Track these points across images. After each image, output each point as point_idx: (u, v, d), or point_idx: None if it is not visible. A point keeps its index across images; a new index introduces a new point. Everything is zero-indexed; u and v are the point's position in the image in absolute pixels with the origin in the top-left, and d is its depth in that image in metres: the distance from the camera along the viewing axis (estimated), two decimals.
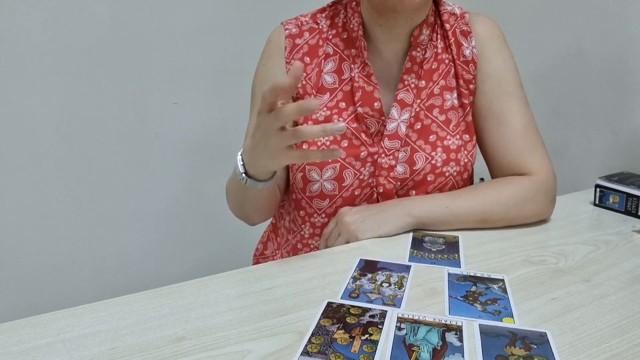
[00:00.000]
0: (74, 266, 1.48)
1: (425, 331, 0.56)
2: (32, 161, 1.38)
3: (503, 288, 0.65)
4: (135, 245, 1.56)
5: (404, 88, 0.88)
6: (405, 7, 0.80)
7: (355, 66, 0.87)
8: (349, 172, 0.86)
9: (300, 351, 0.52)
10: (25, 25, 1.31)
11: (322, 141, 0.86)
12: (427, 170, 0.87)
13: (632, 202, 0.92)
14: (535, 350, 0.53)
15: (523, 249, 0.77)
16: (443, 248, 0.77)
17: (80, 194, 1.45)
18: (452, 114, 0.89)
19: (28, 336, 0.55)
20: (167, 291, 0.65)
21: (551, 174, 0.87)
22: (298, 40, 0.90)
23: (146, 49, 1.46)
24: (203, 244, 1.65)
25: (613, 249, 0.78)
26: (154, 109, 1.50)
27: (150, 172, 1.54)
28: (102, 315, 0.59)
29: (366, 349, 0.53)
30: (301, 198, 0.90)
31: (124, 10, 1.41)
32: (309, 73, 0.88)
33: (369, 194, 0.88)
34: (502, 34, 0.92)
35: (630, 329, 0.56)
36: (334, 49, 0.89)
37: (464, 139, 0.89)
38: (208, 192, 1.61)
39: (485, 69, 0.89)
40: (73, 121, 1.40)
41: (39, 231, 1.42)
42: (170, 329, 0.57)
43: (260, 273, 0.70)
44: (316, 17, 0.92)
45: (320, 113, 0.87)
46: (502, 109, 0.88)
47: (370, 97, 0.86)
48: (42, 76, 1.35)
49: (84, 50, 1.38)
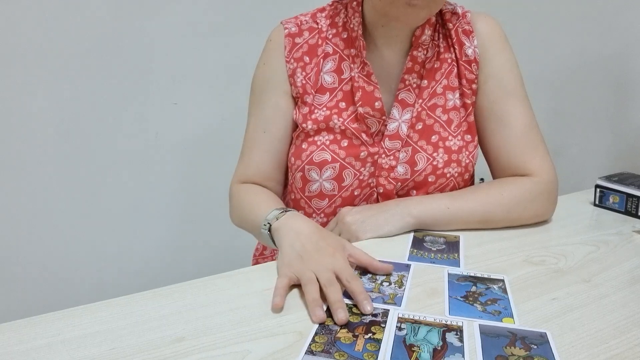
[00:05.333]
0: (74, 266, 1.48)
1: (426, 331, 0.56)
2: (32, 161, 1.38)
3: (503, 288, 0.65)
4: (135, 246, 1.56)
5: (405, 88, 0.88)
6: (410, 21, 0.81)
7: (355, 66, 0.87)
8: (349, 172, 0.86)
9: (304, 350, 0.52)
10: (25, 25, 1.31)
11: (322, 140, 0.86)
12: (428, 171, 0.87)
13: (632, 203, 0.92)
14: (535, 350, 0.53)
15: (523, 249, 0.77)
16: (443, 248, 0.77)
17: (80, 194, 1.45)
18: (454, 114, 0.89)
19: (28, 336, 0.55)
20: (167, 291, 0.65)
21: (553, 175, 0.87)
22: (298, 40, 0.90)
23: (146, 49, 1.46)
24: (203, 244, 1.65)
25: (613, 249, 0.78)
26: (154, 109, 1.50)
27: (150, 172, 1.54)
28: (102, 316, 0.59)
29: (370, 348, 0.53)
30: (300, 198, 0.90)
31: (124, 10, 1.41)
32: (309, 73, 0.88)
33: (368, 194, 0.88)
34: (504, 33, 0.92)
35: (630, 329, 0.56)
36: (334, 48, 0.89)
37: (465, 139, 0.89)
38: (208, 192, 1.61)
39: (487, 69, 0.89)
40: (73, 121, 1.40)
41: (39, 231, 1.42)
42: (170, 329, 0.57)
43: (260, 273, 0.70)
44: (316, 17, 0.91)
45: (320, 113, 0.87)
46: (504, 109, 0.88)
47: (370, 96, 0.86)
48: (42, 76, 1.35)
49: (84, 50, 1.38)
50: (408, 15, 0.79)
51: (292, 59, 0.89)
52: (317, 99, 0.88)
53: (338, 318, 0.57)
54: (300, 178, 0.88)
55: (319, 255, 0.66)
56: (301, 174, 0.88)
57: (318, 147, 0.86)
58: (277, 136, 0.90)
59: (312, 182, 0.87)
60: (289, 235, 0.71)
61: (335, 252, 0.67)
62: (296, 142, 0.89)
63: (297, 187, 0.90)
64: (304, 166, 0.87)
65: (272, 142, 0.91)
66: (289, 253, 0.69)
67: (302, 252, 0.67)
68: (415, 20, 0.81)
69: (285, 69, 0.89)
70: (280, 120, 0.90)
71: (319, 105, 0.87)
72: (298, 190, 0.90)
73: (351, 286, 0.62)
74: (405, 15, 0.79)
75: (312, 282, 0.62)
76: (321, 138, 0.86)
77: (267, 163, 0.91)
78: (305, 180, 0.88)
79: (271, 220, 0.76)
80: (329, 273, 0.63)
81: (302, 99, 0.88)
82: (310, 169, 0.87)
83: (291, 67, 0.89)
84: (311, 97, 0.88)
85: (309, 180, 0.87)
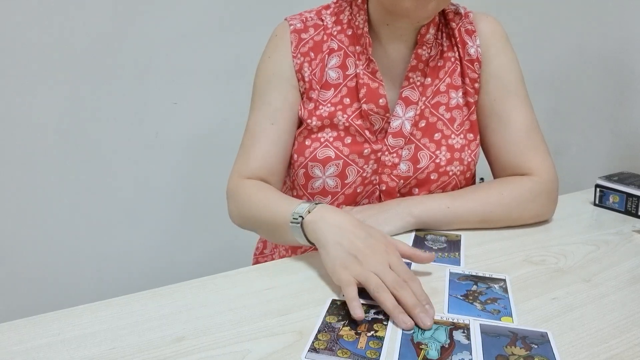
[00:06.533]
0: (74, 266, 1.48)
1: (433, 329, 0.56)
2: (32, 161, 1.38)
3: (504, 288, 0.65)
4: (135, 245, 1.56)
5: (409, 86, 0.88)
6: (418, 15, 0.80)
7: (360, 63, 0.87)
8: (352, 169, 0.86)
9: (307, 348, 0.52)
10: (25, 25, 1.31)
11: (325, 137, 0.86)
12: (430, 169, 0.87)
13: (632, 202, 0.92)
14: (535, 350, 0.53)
15: (523, 249, 0.77)
16: (444, 246, 0.77)
17: (80, 193, 1.45)
18: (457, 112, 0.89)
19: (28, 336, 0.55)
20: (167, 291, 0.65)
21: (553, 175, 0.87)
22: (304, 35, 0.89)
23: (146, 49, 1.46)
24: (203, 244, 1.65)
25: (613, 249, 0.78)
26: (154, 109, 1.50)
27: (150, 172, 1.54)
28: (102, 315, 0.59)
29: (372, 345, 0.53)
30: (302, 195, 0.90)
31: (124, 10, 1.41)
32: (314, 68, 0.88)
33: (371, 191, 0.88)
34: (506, 33, 0.92)
35: (630, 329, 0.56)
36: (339, 44, 0.89)
37: (468, 138, 0.89)
38: (208, 191, 1.60)
39: (489, 69, 0.89)
40: (73, 121, 1.40)
41: (39, 231, 1.42)
42: (170, 329, 0.57)
43: (260, 273, 0.70)
44: (321, 14, 0.91)
45: (324, 109, 0.87)
46: (504, 108, 0.88)
47: (375, 93, 0.86)
48: (42, 76, 1.35)
49: (84, 50, 1.38)
50: (417, 9, 0.78)
51: (299, 53, 0.88)
52: (321, 95, 0.88)
53: (425, 324, 0.56)
54: (303, 175, 0.88)
55: (374, 254, 0.62)
56: (304, 171, 0.88)
57: (321, 143, 0.86)
58: (285, 128, 0.88)
59: (315, 179, 0.87)
60: (332, 231, 0.66)
61: (387, 249, 0.64)
62: (299, 138, 0.89)
63: (299, 184, 0.90)
64: (307, 163, 0.87)
65: (280, 134, 0.88)
66: (339, 253, 0.63)
67: (354, 250, 0.63)
68: (423, 14, 0.80)
69: (293, 64, 0.88)
70: (288, 113, 0.88)
71: (323, 102, 0.87)
72: (300, 187, 0.90)
73: (412, 288, 0.60)
74: (414, 10, 0.78)
75: (384, 288, 0.59)
76: (325, 135, 0.86)
77: (274, 155, 0.88)
78: (308, 177, 0.88)
79: (303, 214, 0.69)
80: (392, 275, 0.60)
81: (307, 94, 0.88)
82: (313, 165, 0.87)
83: (298, 62, 0.88)
84: (316, 93, 0.88)
85: (312, 177, 0.87)
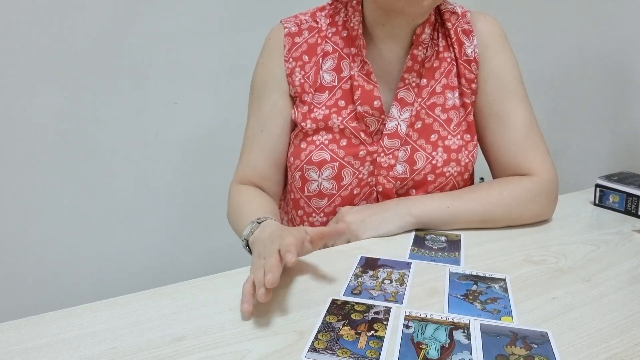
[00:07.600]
0: (74, 266, 1.48)
1: (433, 329, 0.56)
2: (32, 161, 1.38)
3: (504, 287, 0.65)
4: (135, 245, 1.56)
5: (405, 87, 0.88)
6: (414, 12, 0.80)
7: (355, 65, 0.87)
8: (348, 171, 0.86)
9: (307, 348, 0.53)
10: (25, 25, 1.31)
11: (320, 140, 0.86)
12: (427, 170, 0.87)
13: (632, 202, 0.92)
14: (535, 349, 0.53)
15: (523, 249, 0.77)
16: (444, 246, 0.77)
17: (80, 193, 1.45)
18: (453, 113, 0.89)
19: (28, 336, 0.55)
20: (167, 291, 0.65)
21: (553, 174, 0.87)
22: (297, 39, 0.90)
23: (146, 49, 1.46)
24: (203, 244, 1.65)
25: (613, 248, 0.78)
26: (154, 109, 1.50)
27: (150, 172, 1.54)
28: (102, 315, 0.59)
29: (372, 345, 0.53)
30: (299, 197, 0.90)
31: (124, 10, 1.41)
32: (308, 72, 0.88)
33: (368, 193, 0.88)
34: (504, 33, 0.92)
35: (630, 329, 0.56)
36: (333, 47, 0.89)
37: (464, 139, 0.89)
38: (208, 191, 1.61)
39: (488, 69, 0.89)
40: (73, 121, 1.40)
41: (38, 231, 1.42)
42: (170, 329, 0.57)
43: None
44: (316, 16, 0.91)
45: (319, 112, 0.87)
46: (504, 108, 0.88)
47: (370, 95, 0.86)
48: (42, 76, 1.35)
49: (84, 50, 1.38)
50: (412, 5, 0.78)
51: (291, 58, 0.89)
52: (316, 98, 0.88)
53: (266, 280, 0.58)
54: (299, 178, 0.88)
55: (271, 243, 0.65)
56: (300, 174, 0.88)
57: (317, 146, 0.86)
58: (274, 135, 0.90)
59: (311, 182, 0.87)
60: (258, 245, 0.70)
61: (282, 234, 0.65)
62: (295, 141, 0.89)
63: (296, 187, 0.90)
64: (302, 166, 0.87)
65: (269, 141, 0.90)
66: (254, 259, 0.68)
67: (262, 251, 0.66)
68: (419, 10, 0.79)
69: (284, 68, 0.89)
70: (278, 119, 0.90)
71: (318, 104, 0.87)
72: (297, 189, 0.90)
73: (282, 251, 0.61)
74: (409, 6, 0.78)
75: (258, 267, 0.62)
76: (320, 137, 0.86)
77: (263, 162, 0.91)
78: (304, 179, 0.88)
79: (247, 237, 0.74)
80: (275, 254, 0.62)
81: (300, 98, 0.88)
82: (309, 168, 0.87)
83: (289, 67, 0.89)
84: (310, 96, 0.88)
85: (308, 179, 0.87)
